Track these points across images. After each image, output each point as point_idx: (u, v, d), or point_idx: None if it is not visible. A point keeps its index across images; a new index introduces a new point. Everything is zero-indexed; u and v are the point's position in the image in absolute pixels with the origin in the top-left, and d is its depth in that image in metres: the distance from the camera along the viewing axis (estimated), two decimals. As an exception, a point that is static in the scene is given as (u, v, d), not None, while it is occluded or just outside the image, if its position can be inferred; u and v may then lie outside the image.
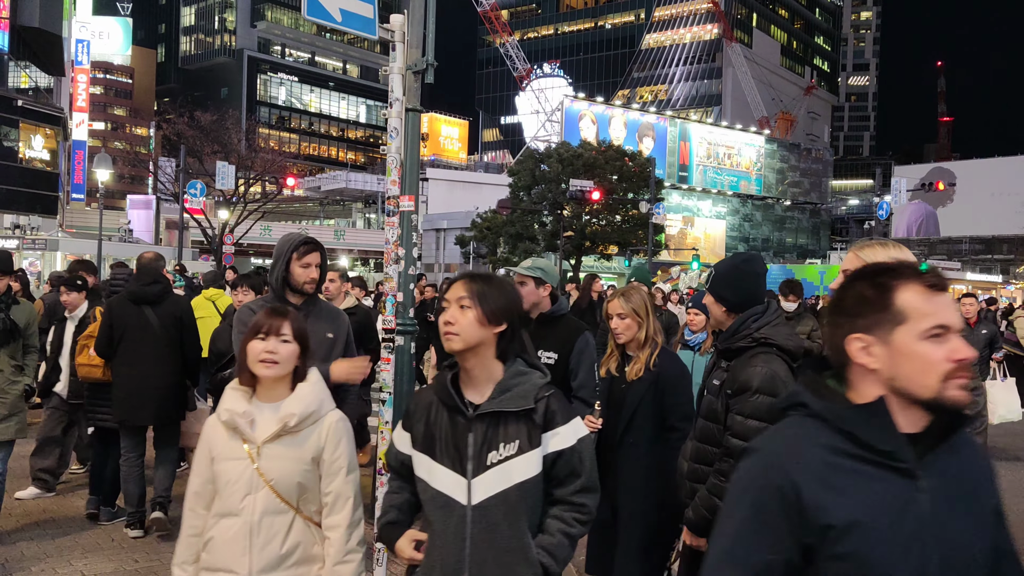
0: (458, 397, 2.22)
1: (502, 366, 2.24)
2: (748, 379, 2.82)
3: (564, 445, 2.19)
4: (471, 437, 2.18)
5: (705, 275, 22.46)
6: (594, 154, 41.89)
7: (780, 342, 2.87)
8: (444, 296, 2.28)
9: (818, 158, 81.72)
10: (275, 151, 44.47)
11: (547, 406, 2.20)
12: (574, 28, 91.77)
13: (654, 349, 3.69)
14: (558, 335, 3.95)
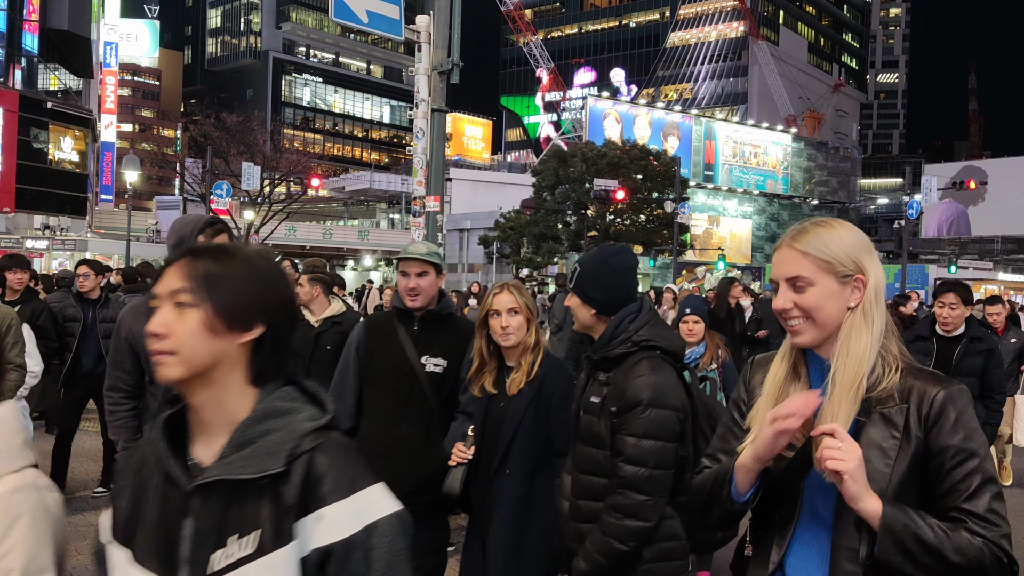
0: (173, 454, 1.29)
1: (254, 399, 1.30)
2: (636, 392, 2.43)
3: (337, 537, 1.21)
4: (187, 525, 1.25)
5: (731, 275, 22.26)
6: (618, 153, 41.70)
7: (663, 344, 2.54)
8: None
9: (846, 156, 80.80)
10: (300, 152, 44.74)
11: (308, 469, 1.23)
12: (598, 27, 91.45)
13: (538, 355, 3.06)
14: (447, 338, 3.40)
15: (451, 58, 7.08)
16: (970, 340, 4.87)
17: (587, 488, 2.55)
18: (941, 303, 4.87)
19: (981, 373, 4.77)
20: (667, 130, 64.99)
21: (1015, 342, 7.40)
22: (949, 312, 4.87)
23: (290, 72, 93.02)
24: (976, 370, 4.75)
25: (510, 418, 2.97)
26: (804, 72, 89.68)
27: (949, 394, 1.52)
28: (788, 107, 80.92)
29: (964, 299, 4.88)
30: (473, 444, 3.04)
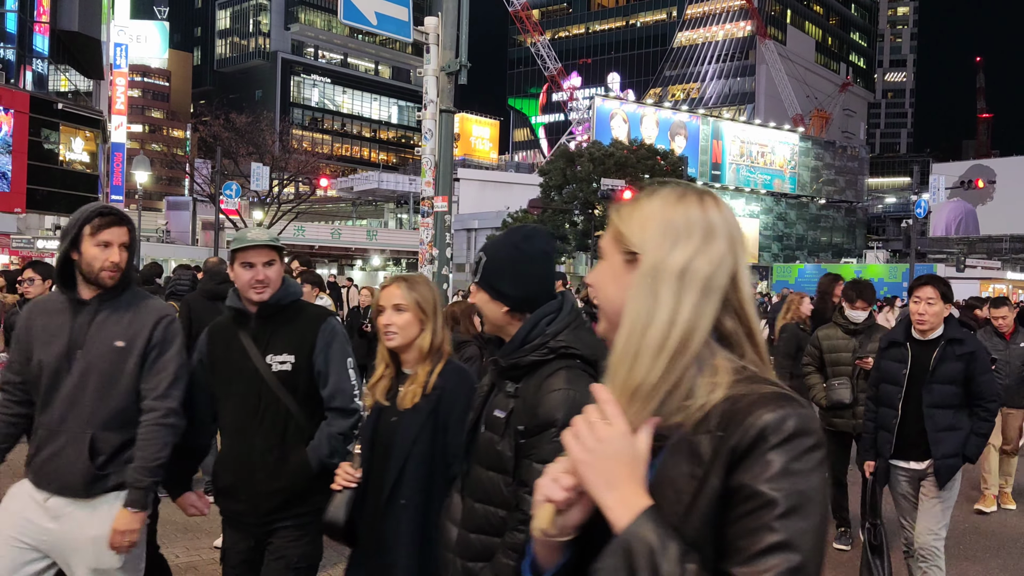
0: None
1: None
2: (550, 410, 1.96)
3: None
4: None
5: None
6: (626, 153, 41.76)
7: (584, 351, 2.04)
8: None
9: (854, 156, 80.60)
10: (308, 152, 44.95)
11: None
12: (605, 27, 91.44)
13: (437, 364, 2.63)
14: (290, 329, 2.96)
15: (459, 59, 7.17)
16: (948, 343, 4.21)
17: (481, 519, 2.08)
18: (917, 298, 4.26)
19: (964, 380, 4.19)
20: (674, 130, 64.99)
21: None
22: (926, 308, 4.21)
23: (299, 73, 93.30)
24: (956, 376, 4.19)
25: (402, 437, 2.54)
26: (811, 71, 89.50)
27: (773, 421, 1.03)
28: (795, 106, 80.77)
29: (943, 295, 4.24)
30: (361, 466, 2.61)
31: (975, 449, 4.21)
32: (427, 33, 5.07)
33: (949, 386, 4.18)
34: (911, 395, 4.23)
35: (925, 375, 4.20)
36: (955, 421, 4.21)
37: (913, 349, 4.30)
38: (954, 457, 4.16)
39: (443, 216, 6.84)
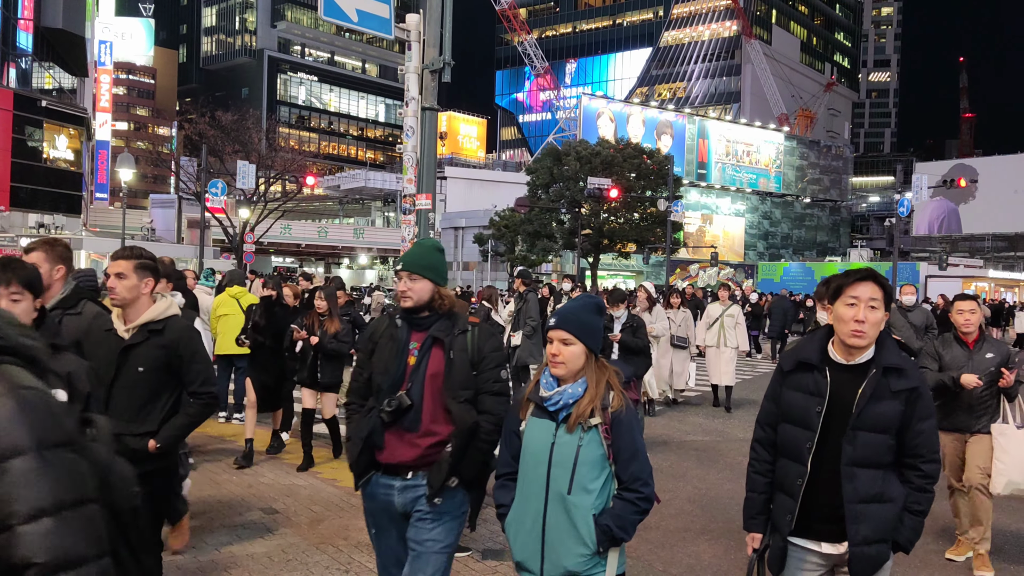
0: None
1: None
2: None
3: None
4: None
5: (724, 272, 22.18)
6: (612, 152, 41.87)
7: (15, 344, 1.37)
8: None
9: (838, 155, 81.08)
10: (295, 150, 44.79)
11: None
12: (592, 26, 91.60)
13: None
14: None
15: (443, 56, 7.21)
16: (884, 372, 2.76)
17: None
18: (852, 300, 2.77)
19: (900, 428, 2.77)
20: (660, 129, 65.21)
21: (992, 357, 5.07)
22: (866, 315, 2.73)
23: (285, 71, 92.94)
24: (890, 423, 2.76)
25: None
26: (796, 71, 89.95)
27: None
28: (781, 106, 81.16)
29: (885, 295, 2.79)
30: None
31: (911, 534, 2.85)
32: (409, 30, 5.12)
33: (881, 435, 2.76)
34: (827, 444, 2.80)
35: (848, 417, 2.77)
36: (885, 488, 2.79)
37: (833, 377, 2.83)
38: (879, 544, 2.80)
39: (426, 213, 6.88)
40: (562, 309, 2.75)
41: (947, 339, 5.36)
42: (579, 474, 2.59)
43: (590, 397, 2.63)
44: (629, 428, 2.64)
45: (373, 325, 3.28)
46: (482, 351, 3.06)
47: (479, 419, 2.99)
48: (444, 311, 3.09)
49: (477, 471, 3.06)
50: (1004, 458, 5.04)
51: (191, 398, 3.45)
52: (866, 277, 2.80)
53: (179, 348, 3.40)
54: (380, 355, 3.11)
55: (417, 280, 3.04)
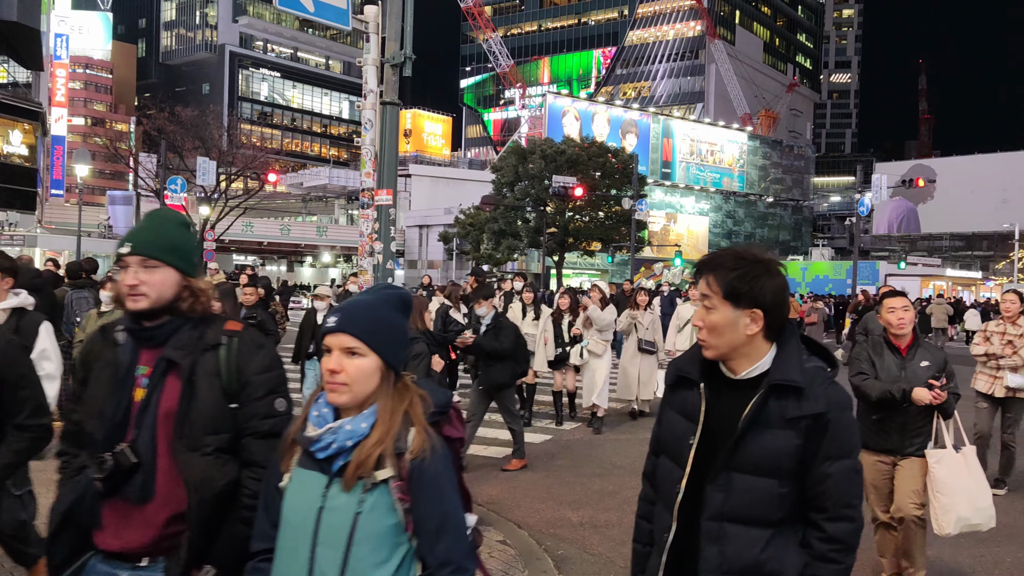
0: None
1: None
2: None
3: None
4: None
5: (688, 271, 22.25)
6: (577, 151, 41.90)
7: None
8: None
9: (800, 155, 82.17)
10: (257, 147, 44.23)
11: None
12: (557, 24, 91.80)
13: None
14: None
15: (403, 51, 7.09)
16: (775, 392, 1.95)
17: None
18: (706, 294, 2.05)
19: (797, 471, 1.95)
20: (625, 128, 65.51)
21: (927, 366, 4.31)
22: (702, 316, 2.04)
23: (247, 66, 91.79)
24: (780, 463, 1.94)
25: None
26: (759, 71, 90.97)
27: None
28: (744, 106, 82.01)
29: (728, 289, 2.02)
30: None
31: None
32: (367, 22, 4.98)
33: (766, 480, 1.94)
34: (696, 486, 2.02)
35: (731, 454, 1.98)
36: (770, 556, 1.95)
37: (714, 397, 2.04)
38: None
39: (387, 209, 6.76)
40: (348, 304, 1.89)
41: (876, 343, 4.54)
42: (356, 557, 1.71)
43: (378, 437, 1.75)
44: (436, 485, 1.75)
45: (88, 343, 2.22)
46: (244, 374, 2.06)
47: (243, 475, 2.03)
48: (195, 315, 2.11)
49: (240, 554, 1.95)
50: (947, 491, 4.20)
51: (16, 431, 2.70)
52: (713, 267, 2.00)
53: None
54: (93, 389, 2.09)
55: (155, 269, 2.05)
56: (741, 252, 2.01)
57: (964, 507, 4.22)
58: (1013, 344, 6.91)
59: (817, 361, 2.03)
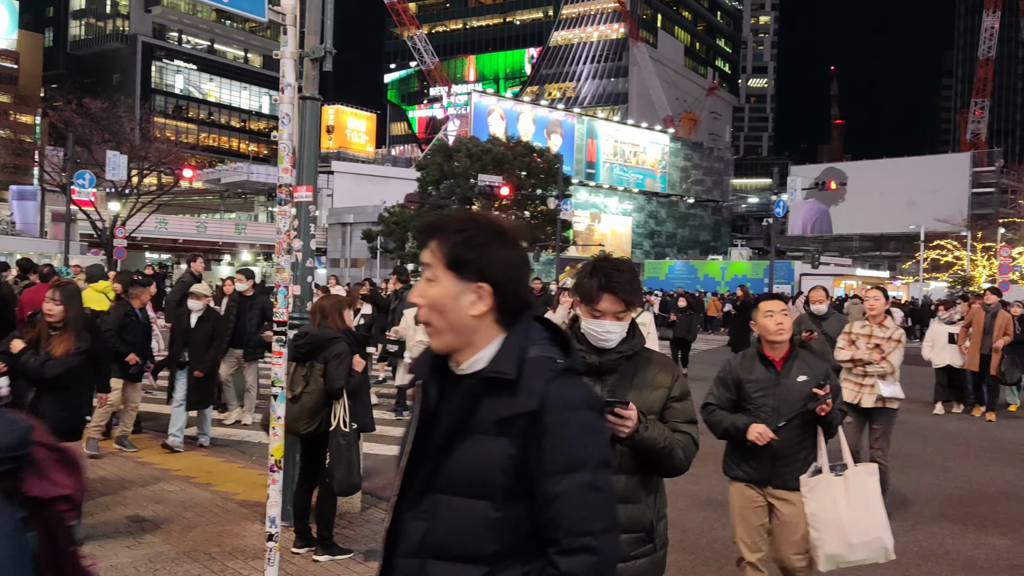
0: None
1: None
2: None
3: None
4: None
5: None
6: (503, 150, 41.97)
7: None
8: None
9: (720, 157, 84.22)
10: (171, 141, 42.86)
11: None
12: (483, 23, 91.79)
13: None
14: None
15: (324, 44, 6.92)
16: (488, 389, 1.54)
17: None
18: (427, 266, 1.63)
19: (503, 488, 1.51)
20: (550, 128, 65.94)
21: (806, 381, 3.68)
22: (423, 287, 1.61)
23: (161, 58, 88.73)
24: (489, 479, 1.51)
25: None
26: (681, 74, 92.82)
27: None
28: (666, 108, 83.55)
29: (451, 258, 1.57)
30: None
31: None
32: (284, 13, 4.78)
33: (477, 502, 1.52)
34: None
35: None
36: None
37: (439, 399, 1.64)
38: None
39: (307, 207, 6.57)
40: None
41: (748, 356, 3.88)
42: None
43: None
44: None
45: None
46: None
47: None
48: None
49: None
50: (817, 524, 3.61)
51: None
52: (423, 232, 1.64)
53: None
54: None
55: None
56: (474, 215, 1.64)
57: (833, 543, 3.58)
58: (881, 348, 6.19)
59: (548, 349, 1.58)
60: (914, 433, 10.01)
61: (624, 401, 2.37)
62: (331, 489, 4.89)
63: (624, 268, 2.50)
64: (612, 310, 2.48)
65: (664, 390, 2.54)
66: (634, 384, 2.52)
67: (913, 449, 8.99)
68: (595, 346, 2.52)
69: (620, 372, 2.53)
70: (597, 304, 2.48)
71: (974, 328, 11.32)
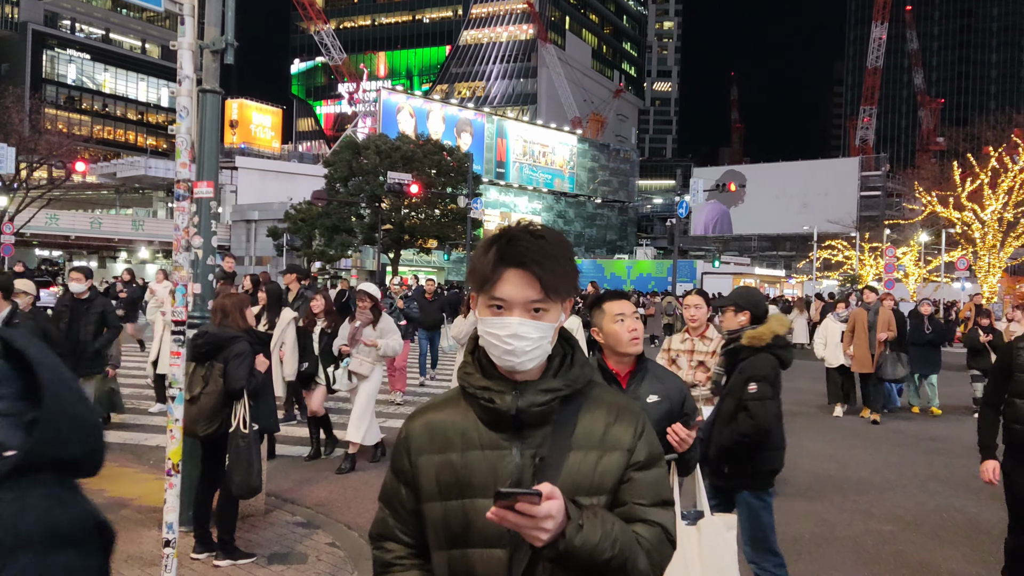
0: None
1: None
2: None
3: None
4: None
5: None
6: (412, 147, 41.69)
7: None
8: None
9: (626, 158, 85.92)
10: (63, 133, 40.96)
11: None
12: (392, 20, 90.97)
13: None
14: None
15: (224, 36, 6.75)
16: None
17: None
18: None
19: None
20: (460, 126, 65.91)
21: (657, 401, 3.01)
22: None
23: (52, 47, 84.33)
24: None
25: None
26: (588, 76, 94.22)
27: None
28: (574, 109, 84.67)
29: None
30: None
31: None
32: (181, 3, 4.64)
33: None
34: None
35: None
36: None
37: None
38: None
39: (208, 203, 6.41)
40: None
41: None
42: None
43: None
44: None
45: None
46: None
47: None
48: None
49: None
50: None
51: None
52: None
53: None
54: None
55: None
56: None
57: None
58: (705, 366, 4.98)
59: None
60: (807, 424, 10.46)
61: (533, 492, 1.30)
62: (231, 492, 4.79)
63: (545, 236, 1.49)
64: (521, 298, 1.44)
65: (622, 453, 1.51)
66: (575, 443, 1.49)
67: (804, 436, 9.41)
68: (505, 371, 1.49)
69: (554, 424, 1.50)
70: (495, 287, 1.45)
71: (858, 328, 11.05)
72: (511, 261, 1.45)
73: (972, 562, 5.45)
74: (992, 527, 6.05)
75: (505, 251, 1.45)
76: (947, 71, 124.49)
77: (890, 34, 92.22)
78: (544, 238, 1.48)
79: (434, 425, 1.54)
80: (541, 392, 1.48)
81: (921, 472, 8.11)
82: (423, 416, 1.57)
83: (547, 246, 1.46)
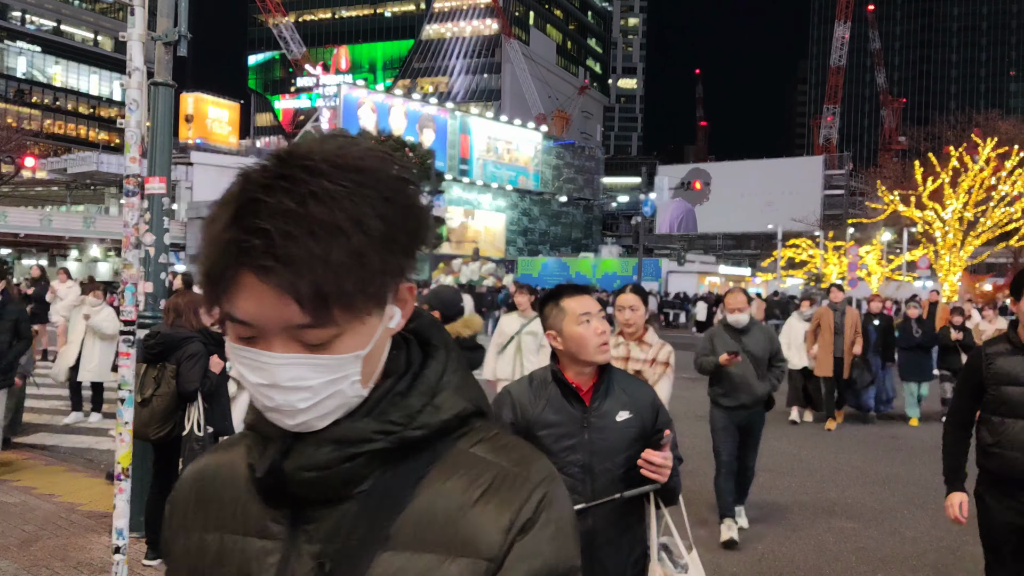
0: None
1: None
2: None
3: None
4: None
5: (485, 268, 21.50)
6: (373, 143, 41.18)
7: None
8: None
9: (591, 156, 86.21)
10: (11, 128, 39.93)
11: None
12: (353, 13, 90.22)
13: None
14: None
15: (178, 28, 6.59)
16: None
17: None
18: None
19: None
20: (423, 123, 65.53)
21: (627, 418, 2.50)
22: None
23: (2, 39, 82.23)
24: None
25: None
26: (553, 73, 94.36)
27: None
28: (539, 106, 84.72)
29: None
30: None
31: None
32: (132, -9, 4.47)
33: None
34: None
35: None
36: None
37: None
38: None
39: (160, 199, 6.27)
40: None
41: (539, 382, 2.55)
42: None
43: None
44: None
45: None
46: None
47: None
48: None
49: None
50: None
51: None
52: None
53: None
54: None
55: None
56: None
57: None
58: (643, 375, 4.29)
59: None
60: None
61: None
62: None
63: (327, 175, 0.82)
64: (276, 321, 0.78)
65: (475, 565, 0.79)
66: (396, 537, 0.81)
67: (767, 436, 9.38)
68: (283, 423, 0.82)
69: (361, 501, 0.82)
70: (227, 297, 0.81)
71: (823, 329, 10.24)
72: (246, 255, 0.76)
73: (932, 558, 5.48)
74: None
75: (241, 228, 0.76)
76: (909, 71, 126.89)
77: (853, 33, 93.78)
78: (317, 195, 0.77)
79: (206, 477, 0.92)
80: (327, 445, 0.80)
81: (883, 471, 8.18)
82: (197, 462, 0.96)
83: (318, 209, 0.76)
